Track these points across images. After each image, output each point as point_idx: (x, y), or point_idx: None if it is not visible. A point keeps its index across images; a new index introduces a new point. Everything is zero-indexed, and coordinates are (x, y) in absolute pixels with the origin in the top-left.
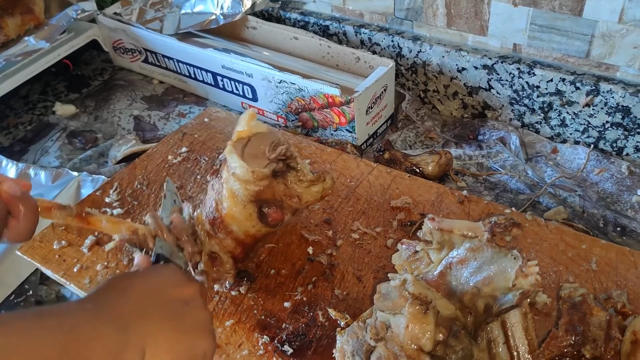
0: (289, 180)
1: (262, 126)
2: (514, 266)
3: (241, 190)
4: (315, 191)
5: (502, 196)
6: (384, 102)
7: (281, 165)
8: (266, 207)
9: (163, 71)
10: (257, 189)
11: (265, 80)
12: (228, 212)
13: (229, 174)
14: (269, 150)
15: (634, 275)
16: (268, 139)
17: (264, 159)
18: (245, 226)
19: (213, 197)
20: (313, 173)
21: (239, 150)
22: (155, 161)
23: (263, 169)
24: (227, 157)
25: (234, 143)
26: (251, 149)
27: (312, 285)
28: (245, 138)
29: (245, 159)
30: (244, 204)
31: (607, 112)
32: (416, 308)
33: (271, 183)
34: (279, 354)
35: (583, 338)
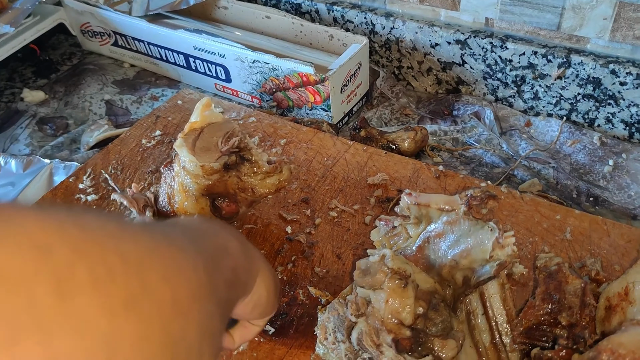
0: (242, 172)
1: (217, 116)
2: (491, 238)
3: (192, 184)
4: (270, 183)
5: (478, 170)
6: (359, 79)
7: (234, 158)
8: (219, 200)
9: (134, 54)
10: (208, 183)
11: (238, 60)
12: (180, 206)
13: (180, 167)
14: (221, 142)
15: (607, 243)
16: (222, 130)
17: (217, 152)
18: None
19: (165, 190)
20: (270, 163)
21: (189, 143)
22: (129, 145)
23: (213, 163)
24: (177, 150)
25: (185, 135)
26: (204, 141)
27: (291, 265)
28: (199, 129)
29: (196, 152)
30: (196, 197)
31: (578, 84)
32: (395, 283)
33: (223, 176)
34: (261, 334)
35: (559, 306)
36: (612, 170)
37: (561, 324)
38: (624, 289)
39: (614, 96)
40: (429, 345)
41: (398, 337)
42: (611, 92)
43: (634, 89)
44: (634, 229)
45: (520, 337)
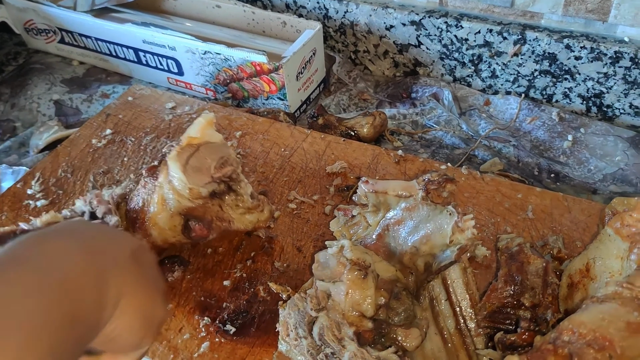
0: (225, 202)
1: (216, 136)
2: (450, 222)
3: (173, 201)
4: (248, 220)
5: (439, 152)
6: (314, 66)
7: (222, 187)
8: (193, 222)
9: (82, 51)
10: (190, 205)
11: (189, 52)
12: (152, 217)
13: (166, 180)
14: (214, 168)
15: (568, 219)
16: (217, 153)
17: (207, 176)
18: (165, 234)
19: (142, 196)
20: (252, 198)
21: (183, 159)
22: (79, 146)
23: (201, 188)
24: (169, 163)
25: (181, 149)
26: (197, 160)
27: (251, 261)
28: (195, 146)
29: (187, 170)
30: (172, 214)
31: (534, 61)
32: (355, 274)
33: (206, 202)
34: (222, 334)
35: (522, 287)
36: (571, 145)
37: (524, 305)
38: (585, 265)
39: (570, 71)
40: (392, 336)
41: (360, 330)
42: (567, 67)
43: (588, 63)
44: (594, 203)
45: (485, 321)
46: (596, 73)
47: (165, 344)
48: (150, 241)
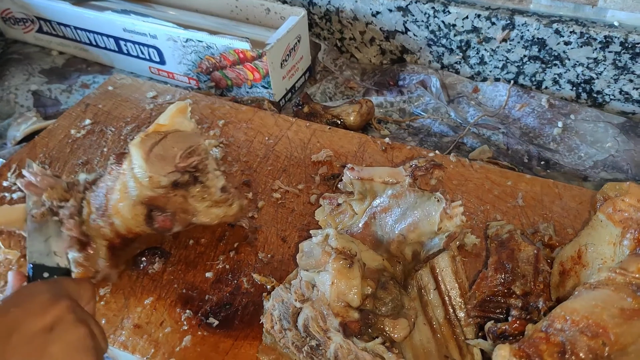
0: (190, 194)
1: (188, 125)
2: (438, 209)
3: (134, 189)
4: (214, 214)
5: (426, 140)
6: (299, 53)
7: (187, 177)
8: (156, 213)
9: (61, 40)
10: (151, 195)
11: (171, 40)
12: (114, 205)
13: (129, 168)
14: (180, 157)
15: (559, 206)
16: (186, 142)
17: (171, 165)
18: (129, 223)
19: (106, 183)
20: (225, 191)
21: (146, 147)
22: (57, 137)
23: (162, 177)
24: (131, 150)
25: (145, 136)
26: (163, 147)
27: (234, 252)
28: (163, 133)
29: (151, 158)
30: (134, 203)
31: (523, 46)
32: (340, 263)
33: (168, 193)
34: (204, 327)
35: (512, 275)
36: (561, 132)
37: (515, 293)
38: (576, 252)
39: (560, 56)
40: (379, 327)
41: (346, 321)
42: (556, 52)
43: (578, 48)
44: (585, 190)
45: (475, 310)
46: (586, 58)
47: (145, 338)
48: (114, 229)
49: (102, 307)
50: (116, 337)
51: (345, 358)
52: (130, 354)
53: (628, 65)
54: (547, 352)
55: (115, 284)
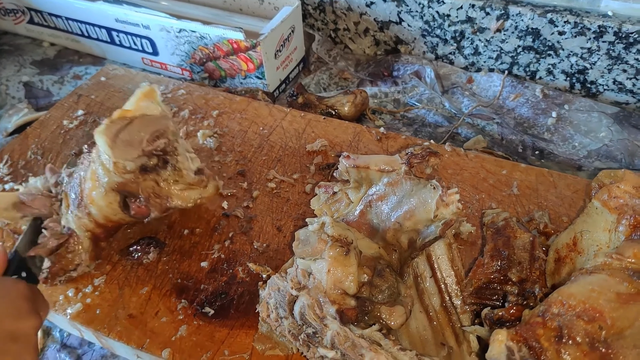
0: (162, 177)
1: (154, 109)
2: (434, 196)
3: (104, 176)
4: (188, 196)
5: (421, 131)
6: (293, 44)
7: (155, 161)
8: (131, 199)
9: (53, 32)
10: (119, 181)
11: (164, 30)
12: (88, 194)
13: (97, 155)
14: (147, 141)
15: (554, 195)
16: (153, 126)
17: (138, 149)
18: (105, 212)
19: (80, 173)
20: (199, 173)
21: (111, 133)
22: (49, 128)
23: (127, 162)
24: (96, 137)
25: (110, 122)
26: (129, 132)
27: (229, 241)
28: (129, 119)
29: (117, 144)
30: (105, 191)
31: (518, 36)
32: (336, 250)
33: (137, 178)
34: (200, 316)
35: (508, 262)
36: (555, 122)
37: (511, 280)
38: (572, 239)
39: (554, 46)
40: (376, 314)
41: (342, 308)
42: (550, 42)
43: (572, 38)
44: (580, 179)
45: (471, 297)
46: (580, 48)
47: (141, 328)
48: (93, 219)
49: (97, 298)
50: (111, 327)
51: (342, 345)
52: (126, 344)
53: (622, 55)
54: (544, 336)
55: (109, 275)
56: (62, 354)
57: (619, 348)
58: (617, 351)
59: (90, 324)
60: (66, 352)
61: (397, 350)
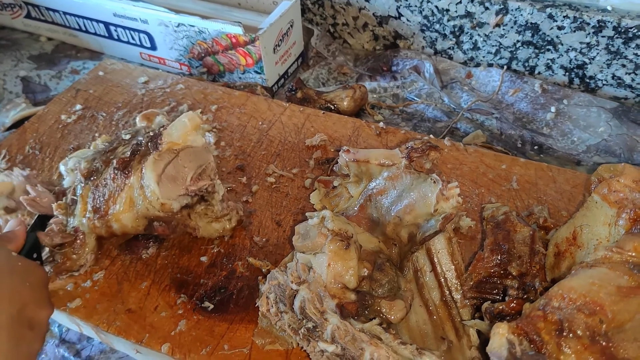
0: (195, 211)
1: (199, 140)
2: (434, 190)
3: (142, 207)
4: (214, 229)
5: (420, 126)
6: (292, 39)
7: (195, 200)
8: (157, 223)
9: (50, 26)
10: (159, 215)
11: (162, 25)
12: (116, 214)
13: (138, 184)
14: (191, 179)
15: (553, 189)
16: (197, 160)
17: (182, 186)
18: (126, 229)
19: (109, 189)
20: (223, 202)
21: (159, 168)
22: (47, 123)
23: (174, 203)
24: (145, 170)
25: (159, 155)
26: (175, 167)
27: (229, 236)
28: (175, 152)
29: (162, 180)
30: (138, 217)
31: (517, 31)
32: (337, 244)
33: (175, 214)
34: (199, 311)
35: (509, 256)
36: (554, 117)
37: (511, 274)
38: (572, 233)
39: (553, 41)
40: (376, 308)
41: (343, 302)
42: (549, 37)
43: (571, 33)
44: (579, 173)
45: (471, 291)
46: (579, 43)
47: (140, 323)
48: (109, 231)
49: (96, 292)
50: (110, 322)
51: (342, 339)
52: (125, 339)
53: (621, 50)
54: (544, 329)
55: (108, 269)
56: (60, 349)
57: (619, 341)
58: (617, 344)
59: (89, 319)
60: (65, 347)
61: (398, 344)
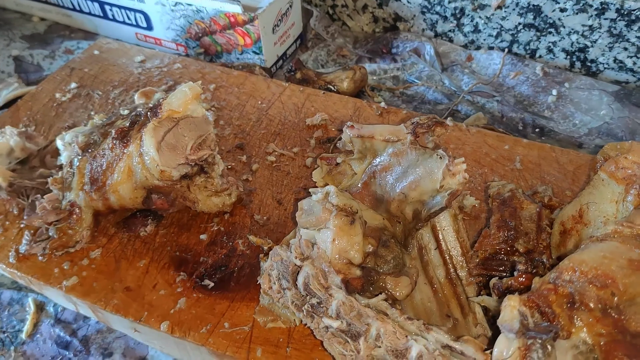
0: (194, 183)
1: (199, 110)
2: (441, 166)
3: (141, 175)
4: (214, 203)
5: (421, 108)
6: (291, 19)
7: (195, 170)
8: (156, 196)
9: (43, 6)
10: (159, 184)
11: (159, 4)
12: (114, 184)
13: (137, 152)
14: (191, 148)
15: (557, 170)
16: (197, 130)
17: (182, 156)
18: (124, 201)
19: (107, 159)
20: (223, 178)
21: (159, 135)
22: (42, 101)
23: (174, 172)
24: (144, 137)
25: (158, 122)
26: (174, 136)
27: (229, 214)
28: (175, 120)
29: (162, 147)
30: (136, 187)
31: (518, 13)
32: (342, 220)
33: (175, 183)
34: (199, 289)
35: (515, 233)
36: (555, 100)
37: (518, 251)
38: (577, 211)
39: (555, 24)
40: (381, 284)
41: (348, 278)
42: (551, 19)
43: (574, 15)
44: (583, 154)
45: (477, 268)
46: (581, 26)
47: (138, 301)
48: (107, 204)
49: (93, 271)
50: (108, 300)
51: (347, 315)
52: (123, 317)
53: (623, 33)
54: (556, 302)
55: (105, 247)
56: (56, 328)
57: (631, 314)
58: (629, 317)
59: (86, 297)
60: (60, 327)
61: (404, 319)
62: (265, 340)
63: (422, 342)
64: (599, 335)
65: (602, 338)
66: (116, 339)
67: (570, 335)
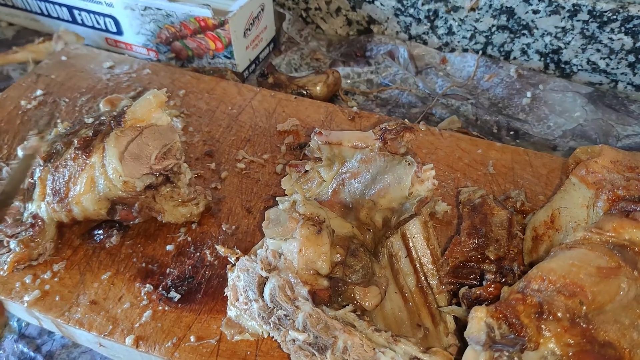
0: (160, 193)
1: (164, 119)
2: (409, 173)
3: (104, 187)
4: (181, 213)
5: (395, 111)
6: (263, 23)
7: (160, 179)
8: (120, 207)
9: (10, 10)
10: (121, 195)
11: (128, 8)
12: (77, 196)
13: (100, 163)
14: (156, 157)
15: (530, 174)
16: (162, 139)
17: (146, 165)
18: (88, 212)
19: (69, 170)
20: (190, 187)
21: (122, 145)
22: (6, 109)
23: (137, 182)
24: (106, 147)
25: (121, 132)
26: (138, 145)
27: (196, 224)
28: (138, 129)
29: (125, 157)
30: (100, 199)
31: (492, 15)
32: (308, 229)
33: (139, 194)
34: (165, 301)
35: (486, 240)
36: (530, 102)
37: (489, 258)
38: (549, 216)
39: (528, 26)
40: (349, 295)
41: (315, 289)
42: (525, 21)
43: (546, 17)
44: (556, 157)
45: (448, 277)
46: (554, 27)
47: (103, 314)
48: (71, 216)
49: (56, 284)
50: (71, 314)
51: (314, 327)
52: (87, 331)
53: (595, 34)
54: (524, 312)
55: (70, 260)
56: (19, 344)
57: (599, 323)
58: (598, 326)
59: (49, 312)
60: (24, 343)
61: (372, 331)
62: (233, 354)
63: (390, 354)
64: (568, 345)
65: (571, 348)
66: (82, 354)
67: (539, 346)
